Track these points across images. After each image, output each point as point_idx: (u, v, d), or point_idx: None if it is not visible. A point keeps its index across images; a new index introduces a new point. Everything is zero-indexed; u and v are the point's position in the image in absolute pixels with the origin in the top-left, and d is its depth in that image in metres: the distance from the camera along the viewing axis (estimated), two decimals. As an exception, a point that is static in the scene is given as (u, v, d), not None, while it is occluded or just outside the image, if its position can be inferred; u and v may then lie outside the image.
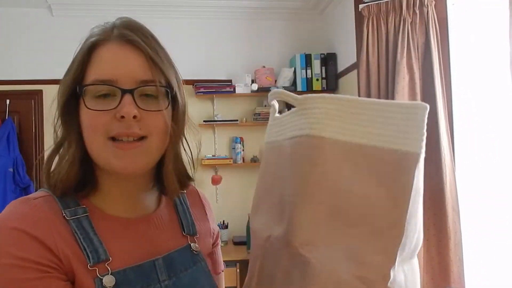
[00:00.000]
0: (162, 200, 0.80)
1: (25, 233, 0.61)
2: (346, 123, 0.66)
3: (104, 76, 0.66)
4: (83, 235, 0.65)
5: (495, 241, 2.45)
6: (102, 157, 0.67)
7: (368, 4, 2.85)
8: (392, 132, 0.65)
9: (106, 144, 0.65)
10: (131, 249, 0.69)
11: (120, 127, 0.65)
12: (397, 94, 2.66)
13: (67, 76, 0.70)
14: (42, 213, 0.64)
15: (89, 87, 0.66)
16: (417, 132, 0.65)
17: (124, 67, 0.66)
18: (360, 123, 0.66)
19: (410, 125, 0.65)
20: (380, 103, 0.66)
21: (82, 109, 0.67)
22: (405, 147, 0.64)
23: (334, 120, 0.66)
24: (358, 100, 0.67)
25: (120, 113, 0.64)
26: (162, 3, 3.71)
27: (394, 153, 0.64)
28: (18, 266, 0.59)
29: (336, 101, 0.67)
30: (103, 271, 0.64)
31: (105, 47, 0.68)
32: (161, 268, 0.70)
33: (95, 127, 0.65)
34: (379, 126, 0.65)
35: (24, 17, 3.69)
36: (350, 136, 0.65)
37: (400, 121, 0.65)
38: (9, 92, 3.60)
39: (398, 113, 0.65)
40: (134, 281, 0.66)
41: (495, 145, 2.46)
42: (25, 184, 3.39)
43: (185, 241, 0.77)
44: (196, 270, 0.75)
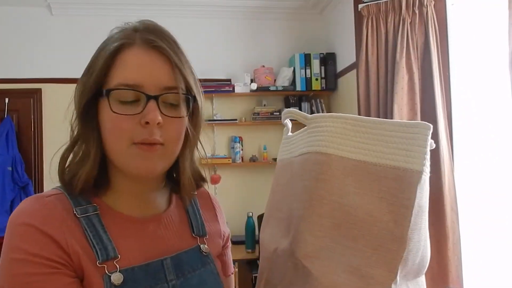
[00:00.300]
0: (173, 200, 0.81)
1: (36, 229, 0.62)
2: (352, 141, 0.69)
3: (130, 81, 0.66)
4: (93, 232, 0.66)
5: (494, 241, 2.46)
6: (123, 160, 0.68)
7: (368, 4, 2.85)
8: (394, 150, 0.67)
9: (130, 148, 0.66)
10: (140, 248, 0.70)
11: (143, 133, 0.66)
12: (396, 94, 2.66)
13: (89, 77, 0.69)
14: (54, 211, 0.65)
15: (114, 91, 0.66)
16: (420, 151, 0.66)
17: (149, 72, 0.67)
18: (365, 141, 0.68)
19: (412, 144, 0.66)
20: (384, 123, 0.69)
21: (104, 111, 0.68)
22: (407, 164, 0.65)
23: (340, 138, 0.69)
24: (363, 119, 0.70)
25: (145, 119, 0.65)
26: (162, 3, 3.71)
27: (396, 170, 0.65)
28: (28, 261, 0.60)
29: (343, 120, 0.71)
30: (111, 269, 0.65)
31: (130, 51, 0.68)
32: (169, 268, 0.70)
33: (120, 132, 0.66)
34: (383, 144, 0.67)
35: (23, 16, 3.68)
36: (355, 153, 0.68)
37: (402, 140, 0.67)
38: (8, 90, 3.59)
39: (401, 131, 0.67)
40: (142, 279, 0.67)
41: (494, 145, 2.46)
42: (23, 183, 3.38)
43: (195, 242, 0.78)
44: (205, 271, 0.75)
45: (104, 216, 0.69)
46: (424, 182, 0.65)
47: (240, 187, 3.81)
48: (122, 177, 0.72)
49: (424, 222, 0.67)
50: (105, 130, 0.68)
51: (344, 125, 0.70)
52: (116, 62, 0.68)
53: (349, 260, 0.64)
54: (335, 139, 0.70)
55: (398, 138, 0.67)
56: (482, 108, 2.54)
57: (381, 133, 0.68)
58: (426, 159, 0.65)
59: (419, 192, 0.64)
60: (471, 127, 2.64)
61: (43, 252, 0.61)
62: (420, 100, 2.66)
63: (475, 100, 2.60)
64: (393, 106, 2.66)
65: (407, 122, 0.68)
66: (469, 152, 2.65)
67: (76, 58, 3.66)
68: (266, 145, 3.86)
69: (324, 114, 0.75)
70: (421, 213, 0.65)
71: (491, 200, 2.47)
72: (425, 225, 0.68)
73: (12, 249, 0.62)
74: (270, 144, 3.89)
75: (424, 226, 0.67)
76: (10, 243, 0.63)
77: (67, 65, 3.66)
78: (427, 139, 0.66)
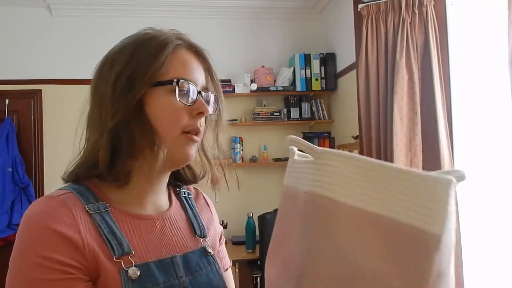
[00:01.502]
0: (173, 200, 0.84)
1: (51, 230, 0.62)
2: (364, 187, 0.62)
3: (189, 76, 0.74)
4: (106, 228, 0.67)
5: (494, 242, 2.45)
6: (174, 147, 0.72)
7: (367, 4, 2.85)
8: (411, 205, 0.59)
9: (181, 136, 0.73)
10: (150, 244, 0.72)
11: (194, 123, 0.74)
12: (396, 94, 2.66)
13: (139, 70, 0.70)
14: (67, 209, 0.65)
15: (182, 81, 0.72)
16: (439, 210, 0.57)
17: (197, 71, 0.76)
18: (377, 189, 0.61)
19: (430, 201, 0.58)
20: (401, 171, 0.61)
21: (160, 100, 0.71)
22: (424, 225, 0.57)
23: (350, 182, 0.63)
24: (377, 163, 0.63)
25: (199, 109, 0.73)
26: (161, 3, 3.71)
27: (412, 230, 0.57)
28: (41, 265, 0.60)
29: (353, 161, 0.64)
30: (127, 264, 0.66)
31: (183, 52, 0.76)
32: (178, 265, 0.73)
33: (175, 120, 0.72)
34: (398, 196, 0.60)
35: (23, 17, 3.68)
36: (365, 203, 0.61)
37: (420, 194, 0.59)
38: (8, 91, 3.60)
39: (419, 184, 0.59)
40: (156, 274, 0.68)
41: (494, 145, 2.46)
42: (24, 184, 3.38)
43: (199, 243, 0.80)
44: (210, 271, 0.78)
45: (114, 213, 0.71)
46: (445, 246, 0.57)
47: (241, 187, 3.80)
48: (142, 171, 0.74)
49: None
50: (159, 119, 0.71)
51: (353, 168, 0.63)
52: (172, 58, 0.73)
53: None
54: (345, 184, 0.63)
55: (415, 191, 0.59)
56: (482, 107, 2.54)
57: (397, 182, 0.60)
58: (447, 219, 0.57)
59: (438, 257, 0.56)
60: (471, 127, 2.64)
61: (56, 255, 0.61)
62: (420, 100, 2.66)
63: (475, 99, 2.60)
64: (393, 106, 2.66)
65: (427, 173, 0.59)
66: (469, 152, 2.65)
67: (76, 59, 3.67)
68: (266, 146, 3.86)
69: (334, 151, 0.67)
70: (439, 281, 0.57)
71: (492, 199, 2.47)
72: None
73: (25, 252, 0.61)
74: (270, 144, 3.89)
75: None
76: (24, 244, 0.62)
77: (67, 66, 3.67)
78: (449, 196, 0.57)
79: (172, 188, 0.87)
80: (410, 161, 2.63)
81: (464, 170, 0.66)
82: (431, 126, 2.60)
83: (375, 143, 2.85)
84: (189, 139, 0.73)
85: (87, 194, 0.70)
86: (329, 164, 0.66)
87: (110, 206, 0.71)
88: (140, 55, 0.71)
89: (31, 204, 0.67)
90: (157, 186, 0.78)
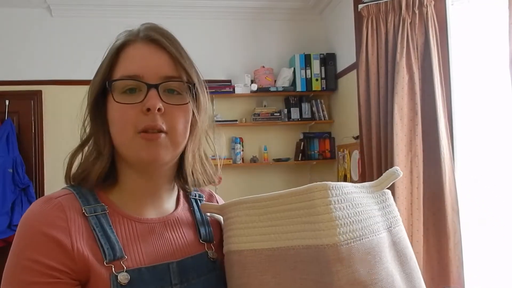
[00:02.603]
0: (180, 203, 0.82)
1: (43, 234, 0.63)
2: (259, 227, 0.63)
3: (131, 72, 0.70)
4: (101, 232, 0.67)
5: (495, 241, 2.45)
6: (131, 150, 0.70)
7: (368, 4, 2.85)
8: (299, 226, 0.58)
9: (135, 137, 0.69)
10: (146, 249, 0.71)
11: (146, 120, 0.68)
12: (397, 94, 2.66)
13: (97, 76, 0.74)
14: (62, 212, 0.66)
15: (117, 82, 0.70)
16: (325, 219, 0.55)
17: (149, 63, 0.70)
18: (271, 224, 0.62)
19: (312, 213, 0.56)
20: (280, 196, 0.61)
21: (110, 104, 0.71)
22: (316, 240, 0.55)
23: (248, 228, 0.64)
24: (259, 198, 0.63)
25: (146, 105, 0.68)
26: (161, 4, 3.71)
27: (308, 250, 0.56)
28: (29, 268, 0.61)
29: (243, 205, 0.66)
30: (118, 268, 0.66)
31: (132, 46, 0.72)
32: (174, 272, 0.71)
33: (124, 121, 0.69)
34: (288, 221, 0.59)
35: (23, 18, 3.68)
36: (265, 241, 0.62)
37: (302, 211, 0.57)
38: (8, 92, 3.59)
39: (298, 201, 0.58)
40: (148, 280, 0.67)
41: (494, 145, 2.46)
42: (24, 185, 3.38)
43: (202, 248, 0.77)
44: (211, 277, 0.75)
45: (112, 216, 0.71)
46: (350, 252, 0.54)
47: (240, 188, 3.80)
48: (131, 173, 0.74)
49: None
50: (111, 123, 0.71)
51: (246, 211, 0.65)
52: (119, 58, 0.72)
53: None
54: (244, 231, 0.64)
55: (298, 210, 0.58)
56: (483, 107, 2.54)
57: (282, 209, 0.60)
58: (337, 225, 0.54)
59: (345, 267, 0.53)
60: (471, 127, 2.64)
61: (45, 259, 0.62)
62: (421, 100, 2.66)
63: (475, 99, 2.60)
64: (394, 106, 2.66)
65: (299, 189, 0.58)
66: (470, 152, 2.65)
67: (76, 60, 3.66)
68: (266, 146, 3.86)
69: (228, 202, 0.70)
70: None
71: (493, 199, 2.47)
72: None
73: (18, 254, 0.63)
74: (271, 144, 3.89)
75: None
76: (18, 247, 0.64)
77: (67, 67, 3.67)
78: (329, 202, 0.55)
79: (182, 190, 0.85)
80: (411, 161, 2.63)
81: (397, 168, 0.67)
82: (432, 126, 2.60)
83: (375, 143, 2.85)
84: (143, 138, 0.68)
85: (88, 196, 0.70)
86: (230, 216, 0.69)
87: (109, 208, 0.71)
88: (102, 62, 0.74)
89: (30, 206, 0.68)
90: (155, 187, 0.76)
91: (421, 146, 2.62)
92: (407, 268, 0.65)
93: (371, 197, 0.65)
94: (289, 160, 3.85)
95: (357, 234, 0.56)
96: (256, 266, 0.62)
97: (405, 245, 0.68)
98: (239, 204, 0.67)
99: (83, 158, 0.74)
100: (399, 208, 2.49)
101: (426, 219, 2.59)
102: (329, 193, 0.56)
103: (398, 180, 0.69)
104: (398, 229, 0.68)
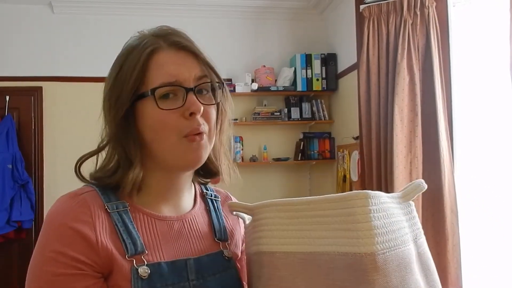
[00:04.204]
0: (197, 201, 0.84)
1: (69, 228, 0.66)
2: (292, 230, 0.63)
3: (169, 79, 0.70)
4: (122, 227, 0.70)
5: (494, 243, 2.45)
6: (176, 154, 0.72)
7: (369, 5, 2.85)
8: (336, 233, 0.58)
9: (181, 141, 0.71)
10: (165, 246, 0.73)
11: (191, 124, 0.70)
12: (397, 95, 2.66)
13: (123, 85, 0.72)
14: (86, 208, 0.69)
15: (159, 89, 0.70)
16: (363, 227, 0.55)
17: (183, 68, 0.72)
18: (304, 228, 0.61)
19: (351, 221, 0.56)
20: (315, 201, 0.61)
21: (147, 112, 0.71)
22: (355, 247, 0.55)
23: (280, 230, 0.64)
24: (293, 202, 0.64)
25: (190, 110, 0.70)
26: (162, 2, 3.71)
27: (344, 257, 0.56)
28: (54, 259, 0.64)
29: (275, 207, 0.66)
30: (139, 262, 0.68)
31: (161, 54, 0.73)
32: (191, 268, 0.73)
33: (167, 127, 0.70)
34: (323, 227, 0.59)
35: (25, 14, 3.68)
36: (298, 245, 0.61)
37: (340, 218, 0.57)
38: (8, 88, 3.59)
39: (336, 208, 0.58)
40: (167, 275, 0.70)
41: (494, 147, 2.46)
42: (23, 181, 3.38)
43: (217, 247, 0.80)
44: (225, 275, 0.77)
45: (133, 213, 0.73)
46: (389, 262, 0.55)
47: (240, 187, 3.79)
48: (159, 175, 0.76)
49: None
50: (151, 130, 0.72)
51: (279, 214, 0.65)
52: (150, 66, 0.72)
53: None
54: (275, 233, 0.64)
55: (335, 217, 0.58)
56: (483, 109, 2.54)
57: (317, 214, 0.60)
58: (375, 234, 0.55)
59: (381, 277, 0.54)
60: (471, 129, 2.64)
61: (70, 251, 0.64)
62: (421, 101, 2.66)
63: (476, 101, 2.60)
64: (394, 107, 2.66)
65: (337, 195, 0.59)
66: (470, 154, 2.65)
67: (77, 57, 3.67)
68: (266, 145, 3.86)
69: (260, 203, 0.70)
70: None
71: (492, 201, 2.47)
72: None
73: (44, 246, 0.66)
74: (271, 144, 3.89)
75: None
76: (44, 240, 0.67)
77: (68, 64, 3.67)
78: (369, 211, 0.56)
79: (199, 189, 0.87)
80: (410, 162, 2.63)
81: (422, 180, 0.68)
82: (432, 128, 2.60)
83: (375, 144, 2.85)
84: (190, 141, 0.71)
85: (109, 193, 0.73)
86: (261, 217, 0.69)
87: (130, 205, 0.73)
88: (123, 70, 0.73)
89: (56, 200, 0.71)
90: (178, 187, 0.79)
91: (421, 147, 2.62)
92: (430, 280, 0.66)
93: (399, 208, 0.66)
94: (289, 160, 3.85)
95: (392, 244, 0.57)
96: (288, 269, 0.62)
97: (428, 257, 0.69)
98: (271, 206, 0.68)
99: (104, 162, 0.75)
100: (398, 209, 2.49)
101: (425, 220, 2.59)
102: (370, 201, 0.56)
103: (396, 181, 0.69)
104: (422, 240, 0.69)
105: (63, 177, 3.31)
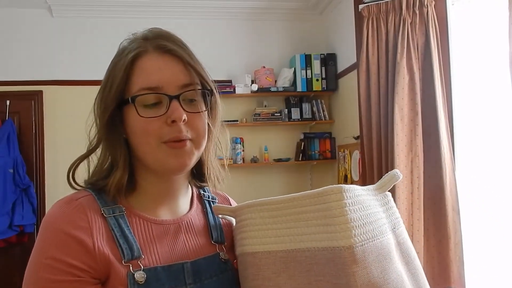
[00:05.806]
0: (194, 204, 0.84)
1: (66, 234, 0.66)
2: (273, 229, 0.64)
3: (151, 85, 0.70)
4: (119, 232, 0.69)
5: (496, 241, 2.45)
6: (157, 159, 0.72)
7: (368, 5, 2.85)
8: (315, 228, 0.58)
9: (160, 147, 0.70)
10: (162, 250, 0.73)
11: (172, 131, 0.70)
12: (397, 94, 2.66)
13: (110, 89, 0.72)
14: (83, 213, 0.68)
15: (139, 96, 0.70)
16: (340, 221, 0.56)
17: (167, 74, 0.71)
18: (286, 226, 0.62)
19: (328, 216, 0.57)
20: (294, 199, 0.62)
21: (131, 117, 0.72)
22: (333, 241, 0.56)
23: (262, 230, 0.65)
24: (274, 201, 0.65)
25: (171, 118, 0.69)
26: (162, 4, 3.71)
27: (324, 252, 0.57)
28: (51, 266, 0.64)
29: (257, 208, 0.67)
30: (136, 267, 0.68)
31: (146, 58, 0.72)
32: (188, 271, 0.72)
33: (148, 133, 0.70)
34: (303, 224, 0.60)
35: (24, 18, 3.68)
36: (279, 243, 0.62)
37: (317, 213, 0.58)
38: (9, 92, 3.59)
39: (313, 204, 0.59)
40: (164, 279, 0.69)
41: (495, 145, 2.46)
42: (25, 185, 3.38)
43: (214, 250, 0.79)
44: (223, 278, 0.76)
45: (129, 217, 0.73)
46: (368, 254, 0.55)
47: (241, 188, 3.80)
48: (151, 178, 0.76)
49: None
50: (134, 135, 0.72)
51: (260, 214, 0.66)
52: (134, 70, 0.72)
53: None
54: (257, 233, 0.65)
55: (313, 213, 0.59)
56: (483, 108, 2.54)
57: (296, 211, 0.61)
58: (352, 227, 0.55)
59: (361, 268, 0.54)
60: (472, 127, 2.64)
61: (67, 258, 0.64)
62: (421, 100, 2.66)
63: (475, 100, 2.60)
64: (394, 106, 2.66)
65: (313, 191, 0.60)
66: (470, 152, 2.65)
67: (77, 60, 3.67)
68: (267, 146, 3.86)
69: (241, 204, 0.71)
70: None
71: (493, 199, 2.47)
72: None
73: (41, 253, 0.65)
74: (271, 145, 3.89)
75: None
76: (40, 246, 0.66)
77: (68, 67, 3.67)
78: (344, 205, 0.56)
79: (196, 191, 0.86)
80: (411, 161, 2.63)
81: (397, 170, 0.68)
82: (432, 126, 2.60)
83: (375, 144, 2.85)
84: (170, 147, 0.70)
85: (106, 197, 0.72)
86: (244, 218, 0.70)
87: (126, 210, 0.73)
88: (111, 75, 0.73)
89: (52, 205, 0.71)
90: (172, 189, 0.79)
91: (422, 146, 2.62)
92: (412, 268, 0.67)
93: (375, 200, 0.67)
94: (290, 160, 3.85)
95: (369, 236, 0.57)
96: (270, 268, 0.63)
97: (408, 246, 0.70)
98: (253, 207, 0.68)
99: (97, 166, 0.75)
100: (400, 208, 2.49)
101: (427, 219, 2.59)
102: (344, 195, 0.57)
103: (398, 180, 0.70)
104: (401, 230, 0.70)
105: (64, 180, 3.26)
